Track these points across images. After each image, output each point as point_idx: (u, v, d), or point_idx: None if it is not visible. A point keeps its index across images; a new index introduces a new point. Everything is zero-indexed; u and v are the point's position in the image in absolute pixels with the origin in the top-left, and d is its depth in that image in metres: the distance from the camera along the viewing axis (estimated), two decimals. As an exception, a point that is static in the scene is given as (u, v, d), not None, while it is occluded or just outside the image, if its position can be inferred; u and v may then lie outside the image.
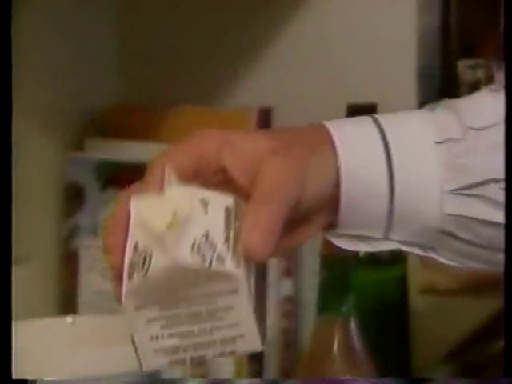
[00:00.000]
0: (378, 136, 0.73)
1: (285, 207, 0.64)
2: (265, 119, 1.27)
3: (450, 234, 0.74)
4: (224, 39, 1.40)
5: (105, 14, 1.40)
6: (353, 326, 0.95)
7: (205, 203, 0.63)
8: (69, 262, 1.33)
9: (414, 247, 0.76)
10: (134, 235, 0.62)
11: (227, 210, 0.64)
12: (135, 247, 0.61)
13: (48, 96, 1.31)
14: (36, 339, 1.10)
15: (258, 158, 0.66)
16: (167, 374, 1.00)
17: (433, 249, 0.76)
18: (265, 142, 0.68)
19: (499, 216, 0.74)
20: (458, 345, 1.06)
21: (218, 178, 0.68)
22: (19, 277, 1.24)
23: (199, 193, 0.64)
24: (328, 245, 1.13)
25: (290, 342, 1.23)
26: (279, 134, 0.72)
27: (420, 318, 1.20)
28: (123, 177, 1.22)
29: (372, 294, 1.10)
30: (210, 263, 0.58)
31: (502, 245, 0.74)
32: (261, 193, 0.64)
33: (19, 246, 1.25)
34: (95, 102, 1.35)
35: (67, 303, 1.30)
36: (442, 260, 0.77)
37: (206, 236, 0.60)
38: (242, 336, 0.62)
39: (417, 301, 1.18)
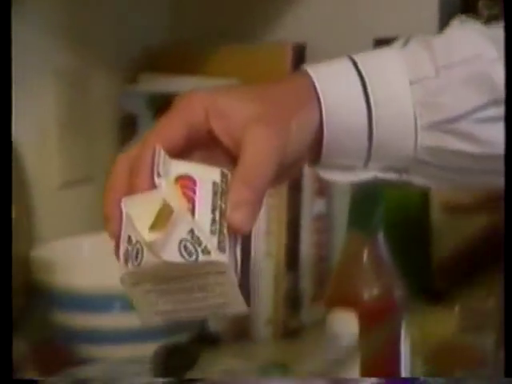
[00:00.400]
0: (356, 77, 0.72)
1: (266, 181, 0.64)
2: (299, 55, 1.25)
3: (424, 162, 0.75)
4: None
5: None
6: (381, 239, 0.95)
7: (192, 180, 0.63)
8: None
9: (390, 173, 0.76)
10: (127, 230, 0.62)
11: (214, 185, 0.64)
12: (129, 239, 0.61)
13: (107, 33, 1.30)
14: (100, 252, 1.11)
15: (243, 125, 0.66)
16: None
17: (407, 173, 0.77)
18: (250, 106, 0.67)
19: (469, 146, 0.74)
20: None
21: (207, 142, 0.67)
22: (83, 196, 1.28)
23: (186, 168, 0.64)
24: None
25: (322, 255, 1.23)
26: (265, 95, 0.71)
27: (439, 232, 1.21)
28: (172, 107, 1.24)
29: (397, 209, 1.10)
30: (197, 257, 0.59)
31: (472, 169, 0.75)
32: (243, 169, 0.64)
33: (83, 169, 1.29)
34: (149, 39, 1.34)
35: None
36: (415, 182, 0.78)
37: (192, 232, 0.59)
38: (229, 303, 0.63)
39: (437, 216, 1.17)
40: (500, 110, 0.73)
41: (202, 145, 0.67)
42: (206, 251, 0.59)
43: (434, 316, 1.04)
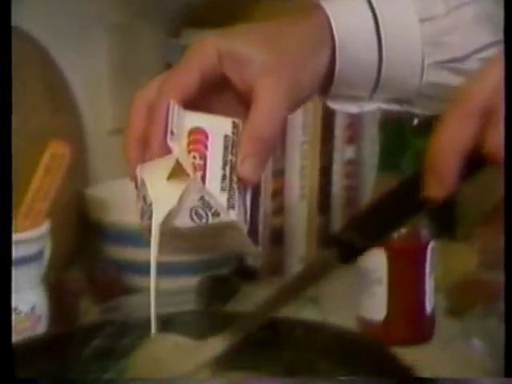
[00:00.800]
0: (368, 12, 0.70)
1: (274, 133, 0.63)
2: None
3: (427, 96, 0.74)
4: None
5: None
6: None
7: (204, 134, 0.62)
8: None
9: (393, 104, 0.76)
10: (142, 191, 0.61)
11: (226, 139, 0.62)
12: (144, 199, 0.61)
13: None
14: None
15: (256, 72, 0.64)
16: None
17: (408, 105, 0.76)
18: (264, 53, 0.65)
19: None
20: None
21: (221, 87, 0.65)
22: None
23: (198, 120, 0.63)
24: (388, 112, 1.12)
25: (352, 197, 1.22)
26: (279, 38, 0.68)
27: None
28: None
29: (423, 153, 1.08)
30: (207, 221, 0.59)
31: None
32: (253, 122, 0.63)
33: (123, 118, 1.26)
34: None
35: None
36: (413, 111, 0.78)
37: (203, 199, 0.59)
38: (239, 246, 0.64)
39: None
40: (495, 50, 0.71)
41: (215, 90, 0.65)
42: (215, 214, 0.59)
43: (456, 253, 1.02)
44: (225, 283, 1.04)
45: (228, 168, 0.61)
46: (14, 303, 0.86)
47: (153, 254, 0.62)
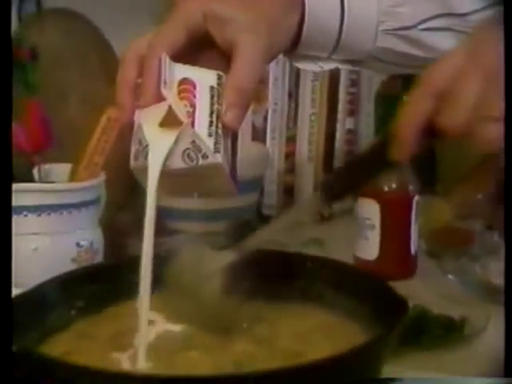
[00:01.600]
0: None
1: (253, 84, 0.62)
2: None
3: (377, 59, 0.74)
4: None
5: None
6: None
7: (192, 84, 0.60)
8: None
9: (347, 64, 0.75)
10: (138, 135, 0.59)
11: (212, 89, 0.60)
12: (139, 142, 0.59)
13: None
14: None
15: (236, 31, 0.62)
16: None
17: (360, 65, 0.75)
18: (243, 14, 0.63)
19: (415, 50, 0.72)
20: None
21: (205, 44, 0.64)
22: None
23: (187, 72, 0.61)
24: (383, 86, 1.11)
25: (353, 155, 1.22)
26: (257, 3, 0.65)
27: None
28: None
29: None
30: (197, 162, 0.57)
31: (411, 66, 0.75)
32: (234, 75, 0.61)
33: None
34: None
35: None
36: (364, 70, 0.79)
37: (194, 142, 0.57)
38: (222, 187, 0.63)
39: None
40: (445, 22, 0.71)
41: (200, 46, 0.64)
42: (204, 156, 0.57)
43: (435, 206, 1.02)
44: (246, 227, 1.04)
45: (214, 116, 0.59)
46: (76, 239, 0.87)
47: (152, 189, 0.59)
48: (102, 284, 0.68)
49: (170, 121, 0.58)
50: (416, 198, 0.94)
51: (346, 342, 0.57)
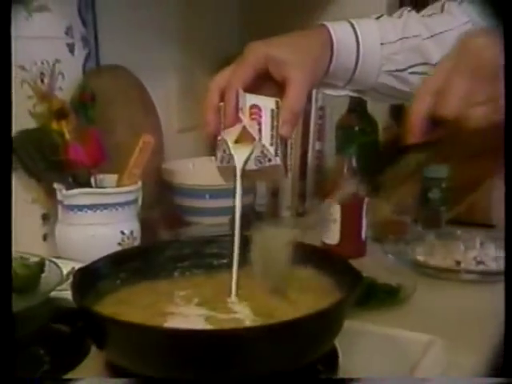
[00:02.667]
0: (353, 34, 0.71)
1: (301, 106, 0.63)
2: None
3: (376, 90, 0.75)
4: None
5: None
6: (354, 160, 0.93)
7: (259, 108, 0.61)
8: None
9: (355, 92, 0.76)
10: (222, 146, 0.61)
11: (272, 112, 0.61)
12: (224, 151, 0.61)
13: (206, 43, 1.25)
14: (199, 167, 1.11)
15: (288, 69, 0.63)
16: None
17: (363, 94, 0.77)
18: (293, 56, 0.64)
19: (403, 86, 0.73)
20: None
21: (267, 79, 0.64)
22: (192, 137, 1.21)
23: (255, 100, 0.62)
24: (342, 120, 1.11)
25: (319, 171, 1.19)
26: (302, 46, 0.66)
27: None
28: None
29: (362, 146, 1.05)
30: (264, 164, 0.60)
31: (398, 97, 0.76)
32: (287, 100, 0.62)
33: (192, 121, 1.24)
34: (229, 49, 1.28)
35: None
36: (364, 98, 0.81)
37: (262, 152, 0.59)
38: (279, 176, 0.64)
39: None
40: (424, 68, 0.72)
41: (263, 79, 0.64)
42: (269, 160, 0.60)
43: (378, 205, 1.01)
44: (244, 220, 1.03)
45: (274, 130, 0.61)
46: (121, 228, 0.87)
47: (238, 183, 0.62)
48: (139, 261, 0.67)
49: (245, 136, 0.60)
50: (365, 199, 0.94)
51: (320, 301, 0.56)
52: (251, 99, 0.62)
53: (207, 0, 1.25)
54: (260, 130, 0.60)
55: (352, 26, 0.71)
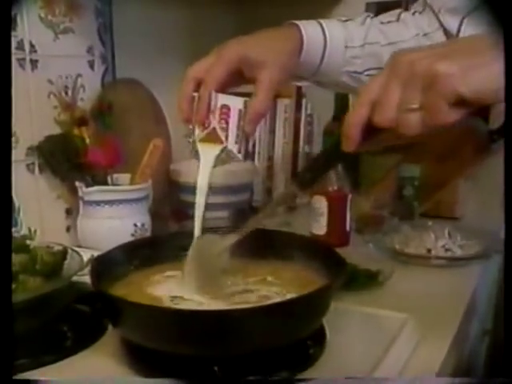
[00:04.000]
0: (321, 33, 0.69)
1: (266, 106, 0.60)
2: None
3: (334, 84, 0.74)
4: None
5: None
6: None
7: (228, 108, 0.59)
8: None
9: (315, 83, 0.74)
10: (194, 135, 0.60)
11: (240, 112, 0.60)
12: (193, 142, 0.61)
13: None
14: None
15: (260, 68, 0.60)
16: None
17: (322, 85, 0.75)
18: (265, 55, 0.61)
19: (356, 84, 0.72)
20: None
21: (238, 76, 0.62)
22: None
23: (225, 100, 0.60)
24: (327, 126, 1.10)
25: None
26: (273, 44, 0.63)
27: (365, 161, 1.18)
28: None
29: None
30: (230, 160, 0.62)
31: (349, 88, 0.74)
32: (254, 100, 0.59)
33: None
34: None
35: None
36: (323, 88, 0.77)
37: (226, 150, 0.59)
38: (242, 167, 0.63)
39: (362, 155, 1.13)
40: (378, 72, 0.70)
41: (237, 76, 0.62)
42: (234, 157, 0.60)
43: (360, 201, 1.00)
44: (241, 214, 1.02)
45: (240, 129, 0.59)
46: (134, 221, 0.86)
47: (203, 181, 0.62)
48: (150, 250, 0.67)
49: (213, 137, 0.59)
50: (349, 196, 0.93)
51: (309, 284, 0.56)
52: (222, 99, 0.60)
53: (209, 23, 1.24)
54: (227, 129, 0.59)
55: (321, 26, 0.69)
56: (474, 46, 0.44)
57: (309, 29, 0.68)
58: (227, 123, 0.59)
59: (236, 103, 0.60)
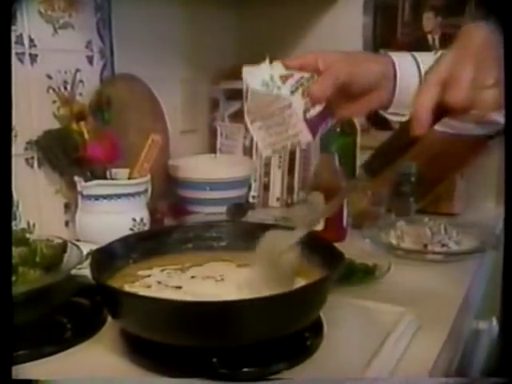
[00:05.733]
0: (415, 65, 0.60)
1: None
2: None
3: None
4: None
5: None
6: (336, 157, 0.92)
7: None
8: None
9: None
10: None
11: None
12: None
13: (206, 57, 1.23)
14: (199, 161, 1.10)
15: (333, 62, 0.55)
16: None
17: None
18: (339, 56, 0.56)
19: None
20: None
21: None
22: (191, 138, 1.22)
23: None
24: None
25: (305, 168, 1.18)
26: (373, 61, 0.58)
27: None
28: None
29: (341, 147, 1.04)
30: (272, 91, 0.53)
31: None
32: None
33: (191, 125, 1.22)
34: (225, 63, 1.26)
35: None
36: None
37: (272, 79, 0.53)
38: (299, 133, 0.55)
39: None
40: None
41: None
42: (279, 89, 0.53)
43: (357, 197, 1.01)
44: (239, 209, 1.02)
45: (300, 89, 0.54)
46: (132, 216, 0.86)
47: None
48: (148, 243, 0.67)
49: None
50: (346, 191, 0.92)
51: (308, 276, 0.56)
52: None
53: (209, 20, 1.24)
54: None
55: (414, 57, 0.62)
56: None
57: (400, 59, 0.61)
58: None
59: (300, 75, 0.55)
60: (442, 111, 0.46)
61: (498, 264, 0.47)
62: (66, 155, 0.85)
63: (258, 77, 0.55)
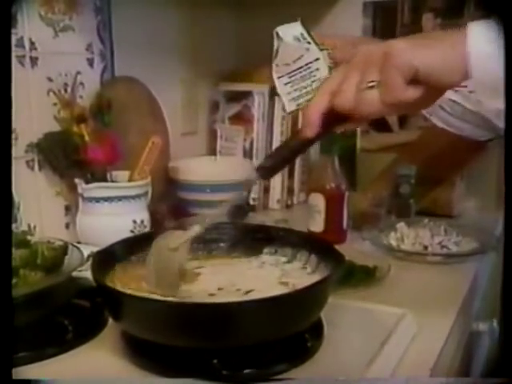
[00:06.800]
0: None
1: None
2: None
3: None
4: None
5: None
6: (336, 159, 0.92)
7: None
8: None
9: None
10: None
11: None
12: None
13: (207, 59, 1.23)
14: (200, 164, 1.10)
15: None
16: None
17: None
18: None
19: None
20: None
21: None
22: (190, 140, 1.22)
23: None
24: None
25: (305, 171, 1.19)
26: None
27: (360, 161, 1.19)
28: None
29: (342, 147, 1.04)
30: (303, 46, 0.54)
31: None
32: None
33: (191, 128, 1.24)
34: (226, 64, 1.27)
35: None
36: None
37: (303, 36, 0.54)
38: None
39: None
40: None
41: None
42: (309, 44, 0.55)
43: (357, 198, 1.01)
44: (241, 211, 1.02)
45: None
46: (133, 218, 0.86)
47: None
48: (148, 245, 0.66)
49: None
50: (346, 194, 0.93)
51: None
52: None
53: (208, 22, 1.24)
54: None
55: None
56: (432, 35, 0.45)
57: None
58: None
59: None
60: (334, 117, 0.49)
61: (498, 265, 0.48)
62: (67, 157, 0.85)
63: (290, 33, 0.55)
